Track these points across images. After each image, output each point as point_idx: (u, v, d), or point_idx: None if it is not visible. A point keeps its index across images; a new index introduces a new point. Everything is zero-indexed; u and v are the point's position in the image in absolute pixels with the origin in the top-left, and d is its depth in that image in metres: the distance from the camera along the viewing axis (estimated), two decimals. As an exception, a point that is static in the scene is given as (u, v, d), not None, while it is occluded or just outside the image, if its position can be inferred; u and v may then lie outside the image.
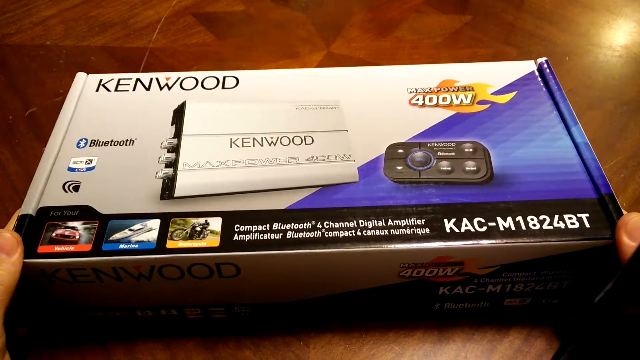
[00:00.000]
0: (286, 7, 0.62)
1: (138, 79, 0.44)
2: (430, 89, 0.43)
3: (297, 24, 0.62)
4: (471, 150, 0.39)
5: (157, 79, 0.44)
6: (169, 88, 0.43)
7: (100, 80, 0.44)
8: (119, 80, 0.44)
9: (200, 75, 0.45)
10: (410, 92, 0.43)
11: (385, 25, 0.62)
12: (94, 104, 0.42)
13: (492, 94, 0.43)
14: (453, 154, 0.38)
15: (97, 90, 0.43)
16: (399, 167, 0.37)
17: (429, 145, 0.39)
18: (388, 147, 0.39)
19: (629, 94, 0.54)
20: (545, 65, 0.45)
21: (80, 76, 0.44)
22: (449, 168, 0.37)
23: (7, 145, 0.51)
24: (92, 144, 0.39)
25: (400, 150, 0.38)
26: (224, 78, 0.44)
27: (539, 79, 0.44)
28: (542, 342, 0.37)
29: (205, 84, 0.44)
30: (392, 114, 0.41)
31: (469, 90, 0.43)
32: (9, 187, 0.48)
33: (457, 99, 0.42)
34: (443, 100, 0.42)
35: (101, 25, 0.61)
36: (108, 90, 0.43)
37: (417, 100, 0.42)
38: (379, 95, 0.43)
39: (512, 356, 0.37)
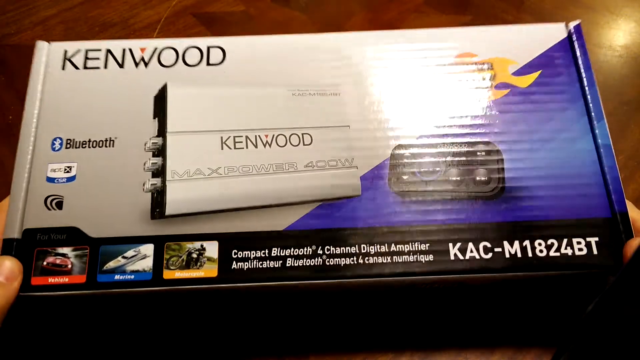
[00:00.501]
0: (286, 7, 0.58)
1: (109, 51, 0.36)
2: (444, 66, 0.36)
3: (297, 24, 0.58)
4: (484, 153, 0.34)
5: (130, 50, 0.36)
6: (146, 64, 0.35)
7: (65, 52, 0.36)
8: (87, 52, 0.36)
9: (180, 44, 0.36)
10: None
11: (386, 25, 0.58)
12: (62, 88, 0.35)
13: (514, 73, 0.36)
14: (464, 158, 0.33)
15: (63, 67, 0.35)
16: (405, 177, 0.33)
17: (438, 147, 0.34)
18: (394, 148, 0.34)
19: (629, 94, 0.50)
20: (577, 35, 0.36)
21: (42, 46, 0.36)
22: (458, 178, 0.33)
23: (7, 145, 0.48)
24: (69, 145, 0.33)
25: (408, 154, 0.34)
26: (208, 49, 0.36)
27: (569, 52, 0.36)
28: (541, 343, 0.35)
29: (187, 59, 0.36)
30: (399, 101, 0.35)
31: (488, 68, 0.36)
32: (9, 187, 0.44)
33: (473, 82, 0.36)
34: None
35: (101, 25, 0.57)
36: (76, 67, 0.35)
37: None
38: (386, 74, 0.36)
39: (512, 356, 0.34)
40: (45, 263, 0.30)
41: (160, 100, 0.34)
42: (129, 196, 0.32)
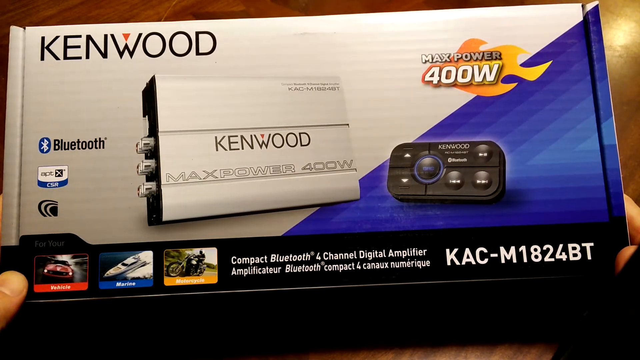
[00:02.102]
0: (286, 7, 0.55)
1: (89, 38, 0.33)
2: (449, 56, 0.33)
3: (297, 24, 0.54)
4: (486, 154, 0.32)
5: (112, 37, 0.33)
6: (131, 54, 0.33)
7: (43, 39, 0.33)
8: (66, 39, 0.33)
9: (166, 30, 0.33)
10: (425, 62, 0.33)
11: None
12: (43, 82, 0.32)
13: (522, 64, 0.33)
14: (465, 159, 0.32)
15: (42, 57, 0.32)
16: (404, 180, 0.32)
17: (439, 147, 0.32)
18: (394, 149, 0.32)
19: (629, 94, 0.49)
20: (593, 19, 0.33)
21: (16, 33, 0.33)
22: (458, 181, 0.32)
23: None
24: (57, 146, 0.31)
25: (408, 155, 0.32)
26: (197, 36, 0.33)
27: (583, 38, 0.33)
28: (541, 343, 0.36)
29: (174, 47, 0.33)
30: (401, 97, 0.33)
31: (496, 58, 0.34)
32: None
33: (479, 73, 0.33)
34: (463, 76, 0.33)
35: (101, 25, 0.54)
36: (56, 57, 0.32)
37: (432, 75, 0.33)
38: (387, 65, 0.33)
39: (512, 356, 0.35)
40: (46, 270, 0.30)
41: (149, 96, 0.31)
42: (124, 201, 0.31)
